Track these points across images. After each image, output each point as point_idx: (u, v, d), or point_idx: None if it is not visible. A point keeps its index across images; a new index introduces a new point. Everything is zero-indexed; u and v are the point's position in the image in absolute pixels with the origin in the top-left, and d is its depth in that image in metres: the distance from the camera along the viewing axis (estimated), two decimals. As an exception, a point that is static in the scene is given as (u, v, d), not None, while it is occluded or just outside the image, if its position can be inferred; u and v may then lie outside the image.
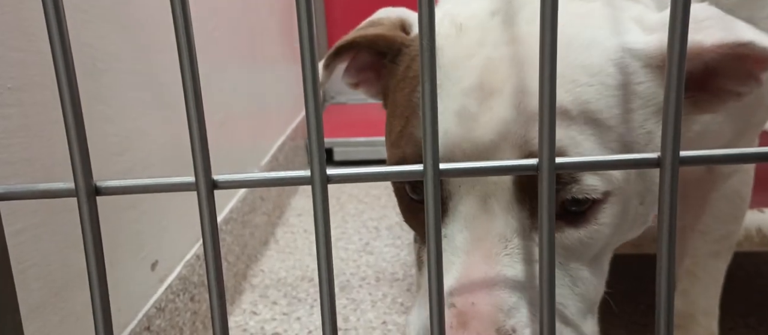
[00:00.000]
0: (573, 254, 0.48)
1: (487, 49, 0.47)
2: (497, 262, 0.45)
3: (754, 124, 0.67)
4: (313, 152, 0.31)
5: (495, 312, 0.44)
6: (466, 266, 0.46)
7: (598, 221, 0.47)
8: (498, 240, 0.46)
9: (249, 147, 1.41)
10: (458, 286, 0.45)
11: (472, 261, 0.45)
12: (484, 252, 0.45)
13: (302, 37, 0.30)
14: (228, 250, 1.16)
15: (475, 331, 0.43)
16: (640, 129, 0.47)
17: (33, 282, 0.59)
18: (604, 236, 0.48)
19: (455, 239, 0.47)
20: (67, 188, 0.33)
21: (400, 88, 0.53)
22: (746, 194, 0.75)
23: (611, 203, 0.46)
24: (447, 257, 0.46)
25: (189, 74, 0.31)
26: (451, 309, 0.44)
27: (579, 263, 0.48)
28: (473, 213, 0.46)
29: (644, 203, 0.50)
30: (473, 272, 0.45)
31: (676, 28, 0.29)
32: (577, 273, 0.48)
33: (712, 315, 0.80)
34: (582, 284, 0.48)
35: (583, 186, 0.45)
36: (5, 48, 0.56)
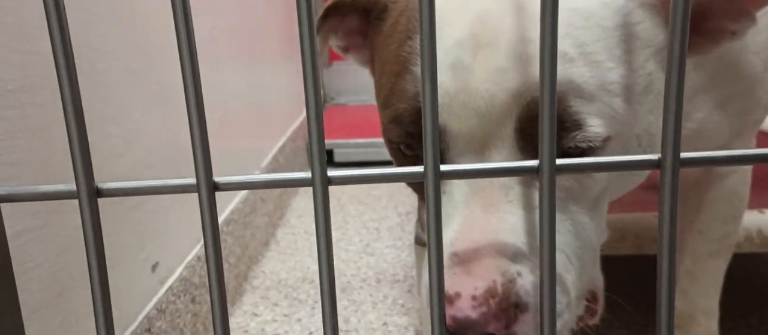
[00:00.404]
0: (572, 197, 0.47)
1: (479, 4, 0.46)
2: (498, 209, 0.44)
3: (752, 123, 0.67)
4: (314, 153, 0.31)
5: (498, 258, 0.43)
6: (466, 217, 0.45)
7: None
8: (498, 189, 0.45)
9: (250, 148, 1.41)
10: (460, 237, 0.44)
11: (473, 211, 0.45)
12: (484, 201, 0.45)
13: (303, 38, 0.30)
14: (229, 251, 1.16)
15: (479, 278, 0.42)
16: (640, 70, 0.46)
17: (34, 284, 0.59)
18: (604, 178, 0.47)
19: (454, 194, 0.46)
20: (68, 190, 0.33)
21: (387, 45, 0.52)
22: (744, 194, 0.75)
23: (611, 146, 0.46)
24: (447, 212, 0.46)
25: (190, 75, 0.31)
26: (453, 259, 0.43)
27: (578, 206, 0.47)
28: None
29: (642, 145, 0.49)
30: (474, 221, 0.44)
31: (676, 27, 0.30)
32: (577, 216, 0.47)
33: (712, 315, 0.80)
34: (582, 228, 0.48)
35: (587, 133, 0.44)
36: (6, 50, 0.56)
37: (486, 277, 0.42)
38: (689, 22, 0.46)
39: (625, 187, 0.52)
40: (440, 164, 0.47)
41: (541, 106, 0.30)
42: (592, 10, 0.45)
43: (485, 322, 0.41)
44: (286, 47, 1.87)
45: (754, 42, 0.60)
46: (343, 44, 0.64)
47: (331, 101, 2.67)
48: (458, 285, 0.42)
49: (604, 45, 0.45)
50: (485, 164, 0.33)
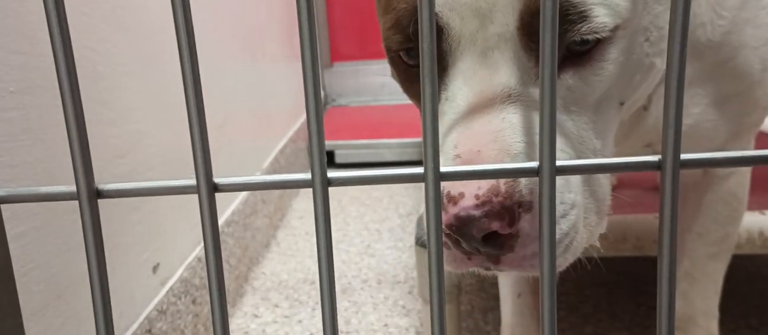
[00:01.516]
0: (575, 95, 0.45)
1: None
2: (501, 110, 0.43)
3: (750, 125, 0.66)
4: (314, 154, 0.31)
5: (501, 157, 0.42)
6: (468, 119, 0.44)
7: (604, 57, 0.45)
8: (501, 90, 0.43)
9: (250, 150, 1.41)
10: (462, 139, 0.43)
11: (475, 113, 0.43)
12: (486, 102, 0.43)
13: (303, 39, 0.30)
14: (229, 253, 1.16)
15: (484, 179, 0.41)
16: None
17: (34, 285, 0.59)
18: (610, 75, 0.46)
19: (456, 97, 0.45)
20: (68, 191, 0.33)
21: None
22: (743, 196, 0.75)
23: (618, 40, 0.44)
24: (449, 116, 0.45)
25: (190, 77, 0.31)
26: (456, 161, 0.42)
27: (581, 107, 0.46)
28: (473, 68, 0.44)
29: (650, 39, 0.47)
30: (476, 122, 0.43)
31: (676, 27, 0.30)
32: (579, 118, 0.46)
33: (712, 317, 0.79)
34: (584, 130, 0.46)
35: (592, 24, 0.42)
36: (7, 51, 0.56)
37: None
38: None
39: (630, 88, 0.49)
40: (443, 64, 0.45)
41: (542, 105, 0.30)
42: None
43: (488, 220, 0.40)
44: (287, 48, 1.87)
45: (753, 37, 0.59)
46: None
47: (332, 103, 2.67)
48: (461, 185, 0.41)
49: None
50: (485, 166, 0.32)
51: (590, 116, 0.47)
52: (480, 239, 0.41)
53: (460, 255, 0.44)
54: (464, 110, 0.44)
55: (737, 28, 0.58)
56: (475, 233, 0.41)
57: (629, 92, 0.49)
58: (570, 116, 0.46)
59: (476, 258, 0.44)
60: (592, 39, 0.43)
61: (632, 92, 0.50)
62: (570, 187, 0.44)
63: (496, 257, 0.43)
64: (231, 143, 1.25)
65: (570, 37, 0.43)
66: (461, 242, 0.42)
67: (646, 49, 0.47)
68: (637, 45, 0.46)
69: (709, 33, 0.58)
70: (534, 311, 0.79)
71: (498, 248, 0.42)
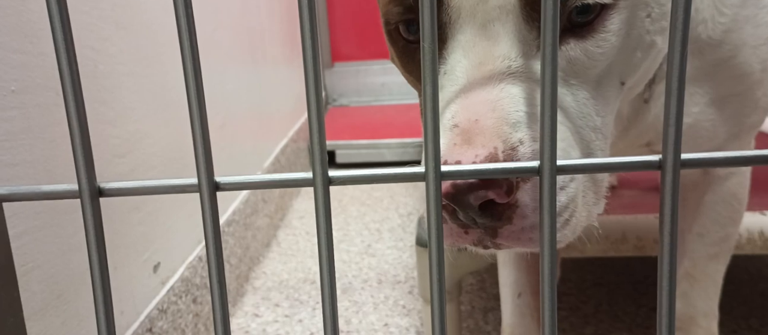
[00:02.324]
0: (576, 68, 0.45)
1: None
2: (500, 80, 0.42)
3: (749, 126, 0.66)
4: (315, 153, 0.31)
5: (500, 125, 0.41)
6: (466, 89, 0.43)
7: (606, 28, 0.44)
8: (501, 61, 0.43)
9: (251, 149, 1.41)
10: (460, 109, 0.42)
11: (473, 83, 0.43)
12: (485, 73, 0.43)
13: (304, 40, 0.30)
14: (230, 252, 1.17)
15: (479, 145, 0.40)
16: None
17: (36, 284, 0.59)
18: (611, 48, 0.45)
19: (455, 70, 0.44)
20: (70, 190, 0.33)
21: None
22: (743, 196, 0.75)
23: (619, 10, 0.44)
24: (448, 89, 0.44)
25: (192, 76, 0.31)
26: (454, 130, 0.42)
27: (580, 80, 0.45)
28: (473, 41, 0.44)
29: (651, 16, 0.47)
30: (475, 93, 0.43)
31: (676, 27, 0.30)
32: (578, 91, 0.45)
33: (712, 317, 0.79)
34: (584, 105, 0.46)
35: None
36: (8, 51, 0.56)
37: (487, 145, 0.41)
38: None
39: (631, 66, 0.49)
40: (442, 37, 0.44)
41: (542, 104, 0.30)
42: None
43: (486, 188, 0.40)
44: (288, 49, 1.87)
45: (753, 35, 0.59)
46: None
47: (333, 103, 2.67)
48: (459, 154, 0.41)
49: None
50: (485, 165, 0.33)
51: (591, 91, 0.46)
52: (477, 208, 0.40)
53: (456, 229, 0.43)
54: (463, 82, 0.43)
55: (737, 26, 0.58)
56: (473, 201, 0.40)
57: (630, 69, 0.49)
58: (570, 89, 0.45)
59: (473, 232, 0.43)
60: (594, 4, 0.43)
61: (633, 71, 0.49)
62: (570, 157, 0.44)
63: (494, 229, 0.42)
64: (232, 143, 1.25)
65: (571, 4, 0.43)
66: (458, 213, 0.42)
67: (647, 25, 0.47)
68: (638, 19, 0.46)
69: (710, 30, 0.58)
70: (534, 311, 0.79)
71: (496, 219, 0.41)
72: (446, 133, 0.42)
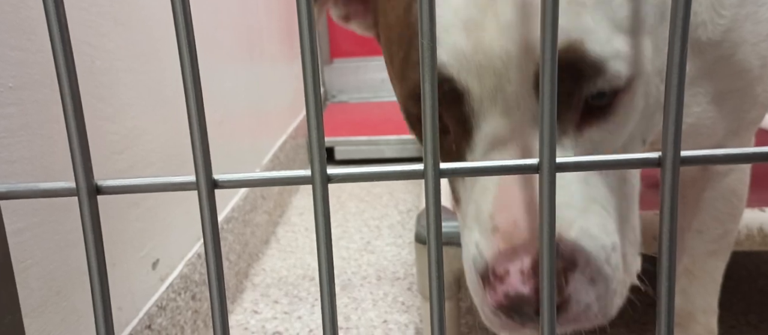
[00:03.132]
0: (601, 147, 0.46)
1: None
2: (532, 177, 0.43)
3: (749, 122, 0.66)
4: (314, 150, 0.31)
5: (537, 227, 0.42)
6: (501, 186, 0.44)
7: (625, 106, 0.45)
8: (530, 155, 0.44)
9: (250, 146, 1.41)
10: (497, 207, 0.43)
11: (508, 180, 0.44)
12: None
13: (302, 36, 0.30)
14: (229, 249, 1.16)
15: (523, 252, 0.41)
16: (651, 0, 0.45)
17: (34, 281, 0.59)
18: (631, 124, 0.46)
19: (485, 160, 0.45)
20: (68, 187, 0.33)
21: (392, 8, 0.50)
22: (743, 193, 0.75)
23: (635, 88, 0.45)
24: (481, 183, 0.45)
25: (189, 73, 0.31)
26: (495, 234, 0.43)
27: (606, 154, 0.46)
28: (501, 133, 0.44)
29: (665, 80, 0.48)
30: (509, 191, 0.43)
31: (676, 27, 0.29)
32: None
33: (712, 313, 0.80)
34: (615, 179, 0.46)
35: (608, 76, 0.42)
36: (5, 47, 0.56)
37: (529, 250, 0.41)
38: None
39: (652, 125, 0.49)
40: (467, 127, 0.45)
41: (542, 105, 0.30)
42: None
43: (538, 294, 0.40)
44: (287, 45, 1.87)
45: (752, 33, 0.59)
46: (342, 13, 0.61)
47: (332, 99, 2.67)
48: (505, 262, 0.41)
49: None
50: (485, 163, 0.32)
51: None
52: (534, 312, 0.41)
53: (512, 324, 0.44)
54: (495, 177, 0.44)
55: (737, 25, 0.58)
56: (528, 310, 0.41)
57: (651, 129, 0.50)
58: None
59: (530, 323, 0.44)
60: (609, 91, 0.44)
61: (654, 128, 0.50)
62: (607, 231, 0.45)
63: None
64: (230, 141, 1.25)
65: (587, 90, 0.43)
66: (514, 316, 0.43)
67: (662, 89, 0.47)
68: (653, 87, 0.47)
69: (710, 32, 0.58)
70: None
71: None
72: (487, 235, 0.43)
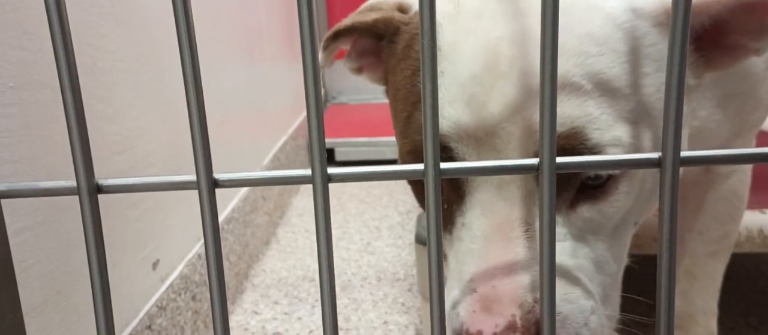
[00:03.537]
0: (592, 227, 0.47)
1: (488, 28, 0.45)
2: (517, 245, 0.44)
3: (752, 124, 0.66)
4: (314, 150, 0.31)
5: (516, 290, 0.43)
6: (486, 251, 0.45)
7: (619, 190, 0.46)
8: (518, 225, 0.45)
9: (250, 147, 1.41)
10: (479, 271, 0.44)
11: (492, 245, 0.45)
12: (504, 236, 0.45)
13: (303, 37, 0.30)
14: (229, 249, 1.17)
15: (498, 314, 0.42)
16: (657, 94, 0.45)
17: (34, 281, 0.59)
18: (624, 207, 0.47)
19: (473, 226, 0.46)
20: (68, 186, 0.33)
21: (401, 69, 0.52)
22: (744, 194, 0.75)
23: (630, 174, 0.46)
24: (466, 245, 0.46)
25: (190, 73, 0.31)
26: (473, 295, 0.44)
27: (597, 235, 0.47)
28: (491, 200, 0.45)
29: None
30: (494, 256, 0.44)
31: (677, 27, 0.30)
32: (596, 244, 0.47)
33: (711, 315, 0.80)
34: (602, 257, 0.48)
35: None
36: (6, 47, 0.56)
37: (505, 313, 0.42)
38: (707, 34, 0.45)
39: (646, 209, 0.51)
40: (460, 193, 0.47)
41: (542, 105, 0.30)
42: (606, 35, 0.44)
43: None
44: (287, 46, 1.87)
45: None
46: (356, 65, 0.64)
47: (333, 100, 2.67)
48: (479, 323, 0.43)
49: (619, 71, 0.44)
50: (485, 162, 0.33)
51: (607, 241, 0.48)
52: None
53: None
54: (481, 241, 0.45)
55: None
56: None
57: (644, 213, 0.51)
58: (588, 244, 0.47)
59: None
60: (605, 175, 0.45)
61: (647, 213, 0.51)
62: (587, 295, 0.46)
63: None
64: (231, 141, 1.25)
65: (584, 174, 0.44)
66: None
67: (657, 177, 0.48)
68: (649, 174, 0.47)
69: None
70: None
71: None
72: (466, 296, 0.44)
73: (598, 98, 0.43)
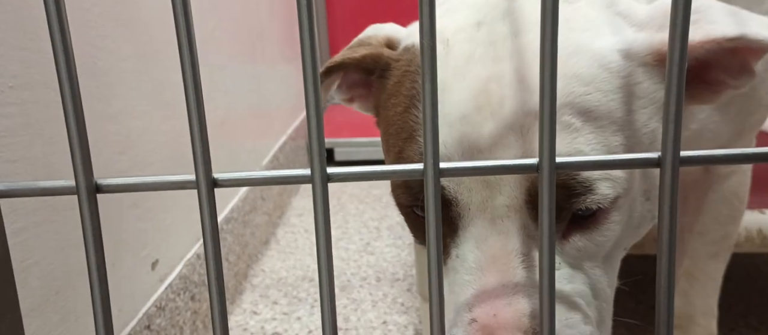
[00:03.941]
0: (586, 255, 0.48)
1: (478, 69, 0.46)
2: (514, 275, 0.45)
3: (752, 125, 0.67)
4: (314, 150, 0.31)
5: (518, 317, 0.43)
6: (482, 281, 0.45)
7: (609, 220, 0.47)
8: (514, 255, 0.45)
9: (250, 147, 1.41)
10: (476, 301, 0.45)
11: (488, 275, 0.45)
12: (500, 267, 0.45)
13: (303, 37, 0.30)
14: (229, 250, 1.16)
15: None
16: (644, 129, 0.47)
17: (34, 281, 0.59)
18: (615, 236, 0.48)
19: (467, 259, 0.46)
20: (68, 186, 0.33)
21: (393, 105, 0.52)
22: (744, 195, 0.75)
23: (619, 205, 0.47)
24: (461, 276, 0.46)
25: (190, 73, 0.31)
26: (473, 325, 0.44)
27: (592, 262, 0.48)
28: (485, 234, 0.46)
29: (650, 199, 0.50)
30: (490, 285, 0.45)
31: (676, 27, 0.29)
32: (592, 271, 0.48)
33: (711, 315, 0.80)
34: (597, 282, 0.49)
35: (596, 196, 0.45)
36: (7, 47, 0.56)
37: None
38: (691, 71, 0.46)
39: (636, 236, 0.52)
40: (453, 227, 0.47)
41: (542, 105, 0.30)
42: (593, 75, 0.45)
43: None
44: (287, 46, 1.87)
45: None
46: (346, 97, 0.65)
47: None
48: None
49: (606, 109, 0.45)
50: (484, 162, 0.33)
51: (601, 267, 0.49)
52: None
53: None
54: (477, 273, 0.46)
55: None
56: None
57: (634, 239, 0.52)
58: (583, 270, 0.48)
59: None
60: (594, 207, 0.46)
61: (637, 237, 0.53)
62: (587, 321, 0.47)
63: None
64: (231, 141, 1.25)
65: (576, 206, 0.45)
66: None
67: (647, 206, 0.50)
68: (638, 204, 0.49)
69: None
70: None
71: None
72: (465, 327, 0.45)
73: (588, 134, 0.44)
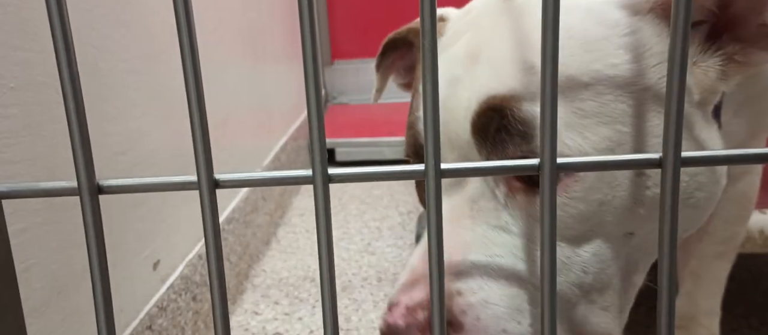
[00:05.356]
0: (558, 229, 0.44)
1: (480, 22, 0.48)
2: (458, 225, 0.46)
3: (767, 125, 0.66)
4: (315, 151, 0.31)
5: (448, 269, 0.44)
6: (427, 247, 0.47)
7: (569, 194, 0.43)
8: (465, 202, 0.46)
9: (251, 147, 1.41)
10: (421, 251, 0.47)
11: (447, 226, 0.46)
12: (451, 215, 0.46)
13: (304, 37, 0.30)
14: (230, 250, 1.17)
15: (418, 290, 0.44)
16: (656, 87, 0.44)
17: (35, 281, 0.59)
18: (580, 213, 0.43)
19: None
20: (69, 187, 0.33)
21: (418, 77, 0.54)
22: (753, 195, 0.75)
23: (582, 179, 0.42)
24: (424, 236, 0.48)
25: (191, 74, 0.31)
26: (408, 268, 0.46)
27: (563, 238, 0.44)
28: (446, 187, 0.47)
29: (647, 173, 0.44)
30: (447, 237, 0.45)
31: (677, 28, 0.29)
32: (568, 252, 0.44)
33: (714, 316, 0.80)
34: (574, 264, 0.44)
35: (534, 146, 0.42)
36: (8, 48, 0.56)
37: (424, 290, 0.44)
38: (719, 25, 0.45)
39: (634, 219, 0.45)
40: (424, 188, 0.48)
41: (542, 105, 0.30)
42: (594, 36, 0.44)
43: (409, 332, 0.43)
44: (289, 46, 1.87)
45: None
46: (405, 81, 0.65)
47: (333, 100, 2.67)
48: (403, 293, 0.45)
49: (611, 73, 0.43)
50: (484, 163, 0.33)
51: (575, 247, 0.44)
52: None
53: None
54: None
55: None
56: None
57: (637, 223, 0.45)
58: (536, 244, 0.44)
59: None
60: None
61: (643, 223, 0.45)
62: (520, 314, 0.44)
63: None
64: (232, 142, 1.25)
65: (513, 153, 0.43)
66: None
67: (646, 181, 0.44)
68: (616, 181, 0.43)
69: None
70: None
71: None
72: (405, 270, 0.47)
73: (589, 101, 0.43)
